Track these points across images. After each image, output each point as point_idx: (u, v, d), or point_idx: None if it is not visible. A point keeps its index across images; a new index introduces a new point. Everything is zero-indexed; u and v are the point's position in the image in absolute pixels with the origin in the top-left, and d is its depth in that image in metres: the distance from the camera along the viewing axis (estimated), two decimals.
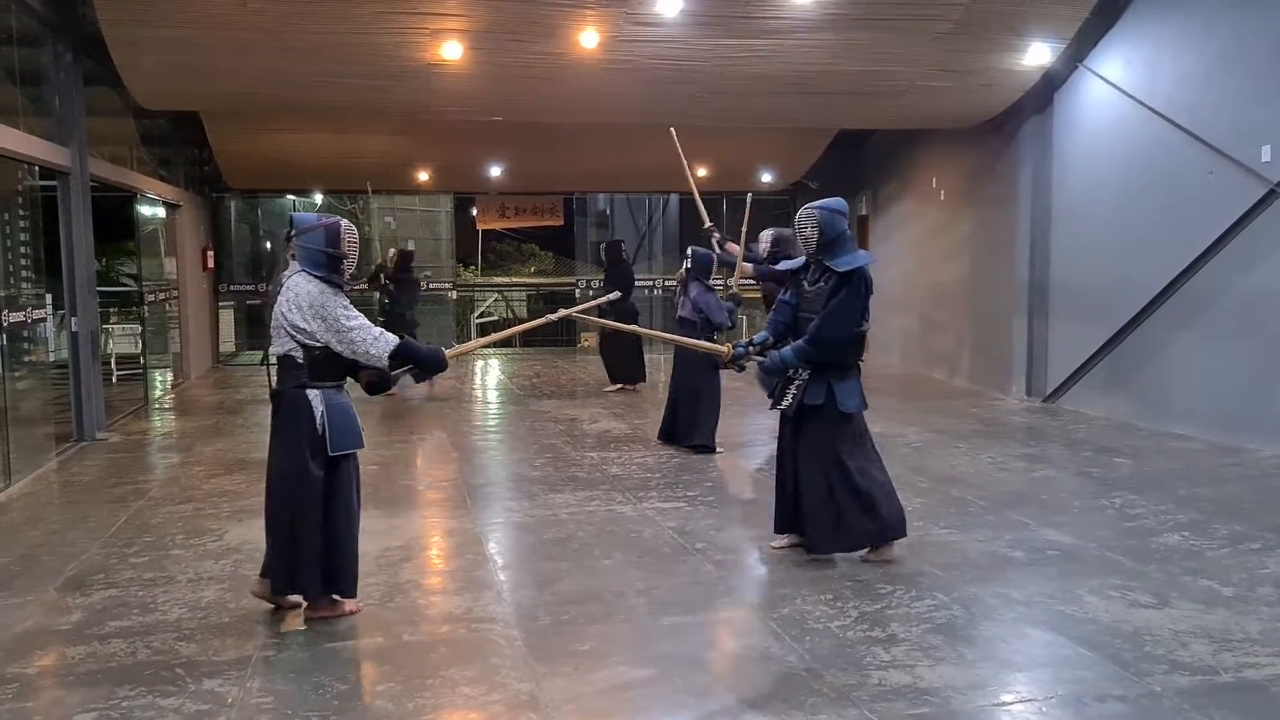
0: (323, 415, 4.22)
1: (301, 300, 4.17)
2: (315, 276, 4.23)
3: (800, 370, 5.08)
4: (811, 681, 3.68)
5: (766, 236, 7.94)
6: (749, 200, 7.90)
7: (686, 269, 8.26)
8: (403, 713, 3.45)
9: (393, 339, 4.26)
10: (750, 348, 5.23)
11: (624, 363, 12.00)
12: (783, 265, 5.53)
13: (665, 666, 3.83)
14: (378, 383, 4.44)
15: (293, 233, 4.33)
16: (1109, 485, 6.86)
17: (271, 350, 4.28)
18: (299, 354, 4.22)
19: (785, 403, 5.13)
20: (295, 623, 4.34)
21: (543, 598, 4.63)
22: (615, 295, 7.86)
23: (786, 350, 5.06)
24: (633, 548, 5.43)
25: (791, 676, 3.74)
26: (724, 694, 3.63)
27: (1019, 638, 4.14)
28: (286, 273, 4.33)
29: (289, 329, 4.19)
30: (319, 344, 4.20)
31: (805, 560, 5.17)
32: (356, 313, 4.26)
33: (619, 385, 11.92)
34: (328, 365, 4.25)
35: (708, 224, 8.12)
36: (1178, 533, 5.62)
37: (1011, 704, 3.53)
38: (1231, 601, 4.50)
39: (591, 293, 16.87)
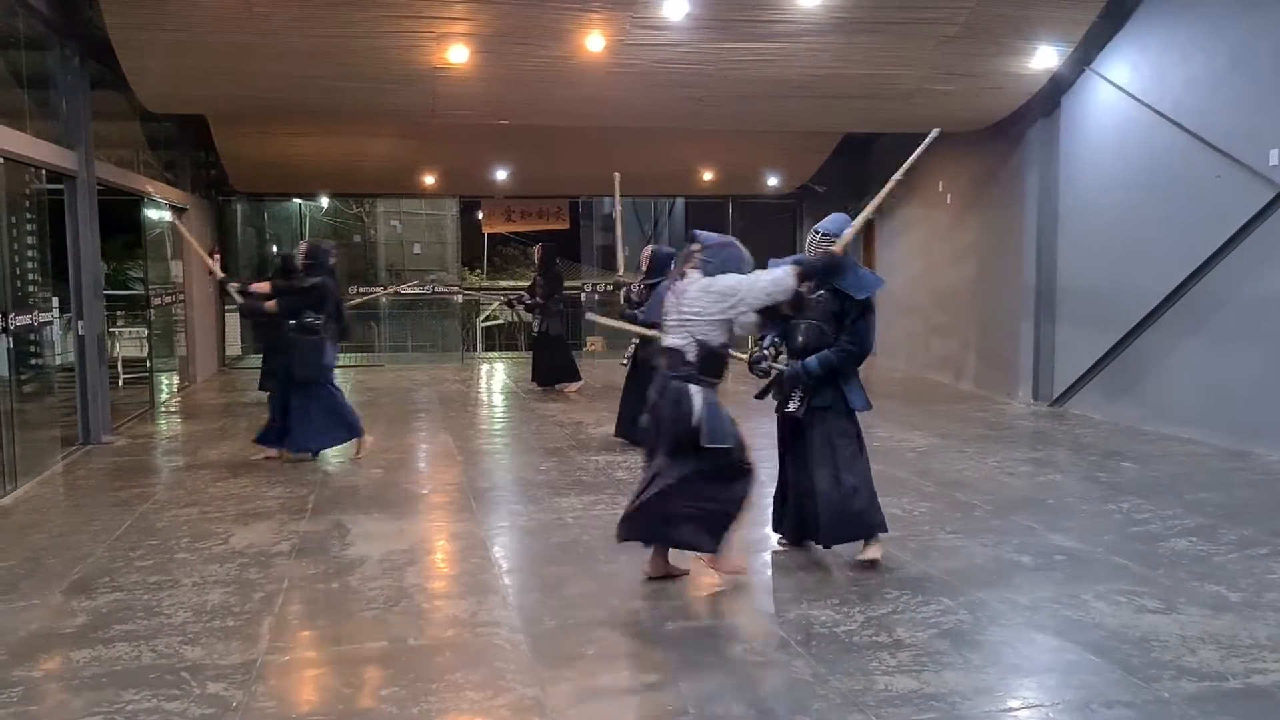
0: (700, 410, 4.59)
1: (720, 286, 4.66)
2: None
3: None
4: (817, 687, 3.67)
5: None
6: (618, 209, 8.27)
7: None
8: (407, 717, 3.45)
9: (788, 266, 4.79)
10: (768, 351, 5.26)
11: (562, 362, 12.34)
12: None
13: (670, 671, 3.81)
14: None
15: (695, 247, 4.85)
16: (1116, 490, 6.84)
17: (666, 341, 4.81)
18: (691, 351, 4.66)
19: (794, 406, 5.16)
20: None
21: (548, 602, 4.62)
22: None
23: (811, 361, 5.11)
24: (638, 552, 5.41)
25: (797, 682, 3.73)
26: (729, 699, 3.61)
27: (1025, 643, 4.12)
28: (684, 279, 4.78)
29: (697, 321, 4.65)
30: (723, 332, 4.71)
31: (811, 565, 5.16)
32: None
33: (577, 385, 12.20)
34: (712, 363, 4.72)
35: (220, 276, 9.04)
36: (1185, 538, 5.59)
37: (1018, 710, 3.51)
38: (1239, 607, 4.48)
39: (598, 296, 16.87)
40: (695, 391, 4.61)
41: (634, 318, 8.14)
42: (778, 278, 4.70)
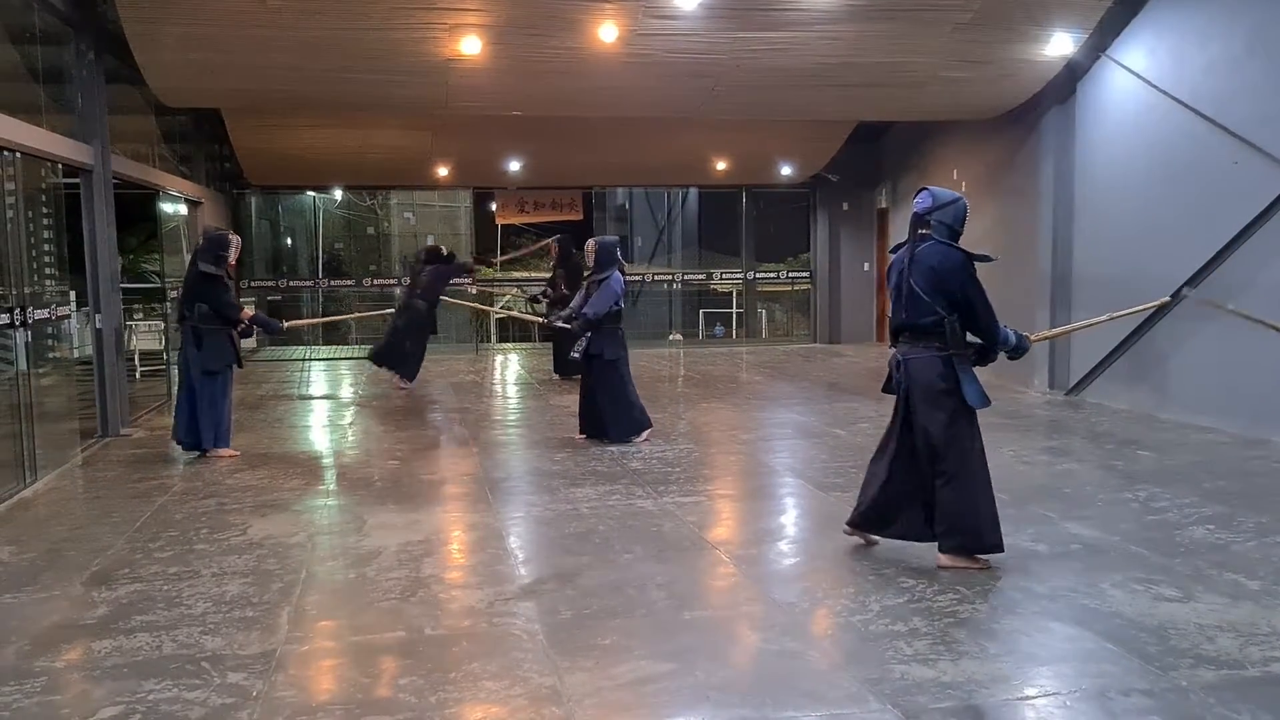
0: None
1: None
2: None
3: None
4: (833, 675, 3.67)
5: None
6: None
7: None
8: (425, 706, 3.47)
9: None
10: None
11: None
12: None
13: (686, 660, 3.82)
14: None
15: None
16: (1132, 478, 6.81)
17: None
18: None
19: None
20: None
21: (564, 592, 4.64)
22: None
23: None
24: (653, 542, 5.43)
25: (813, 671, 3.74)
26: (745, 688, 3.62)
27: (1042, 632, 4.11)
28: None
29: None
30: None
31: (826, 554, 5.17)
32: None
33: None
34: None
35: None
36: (1202, 526, 5.57)
37: (1035, 698, 3.51)
38: (1258, 595, 4.46)
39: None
40: None
41: (569, 317, 8.39)
42: None
